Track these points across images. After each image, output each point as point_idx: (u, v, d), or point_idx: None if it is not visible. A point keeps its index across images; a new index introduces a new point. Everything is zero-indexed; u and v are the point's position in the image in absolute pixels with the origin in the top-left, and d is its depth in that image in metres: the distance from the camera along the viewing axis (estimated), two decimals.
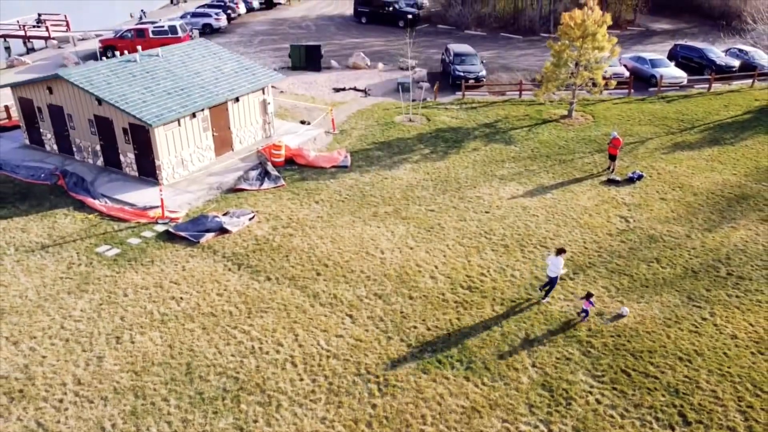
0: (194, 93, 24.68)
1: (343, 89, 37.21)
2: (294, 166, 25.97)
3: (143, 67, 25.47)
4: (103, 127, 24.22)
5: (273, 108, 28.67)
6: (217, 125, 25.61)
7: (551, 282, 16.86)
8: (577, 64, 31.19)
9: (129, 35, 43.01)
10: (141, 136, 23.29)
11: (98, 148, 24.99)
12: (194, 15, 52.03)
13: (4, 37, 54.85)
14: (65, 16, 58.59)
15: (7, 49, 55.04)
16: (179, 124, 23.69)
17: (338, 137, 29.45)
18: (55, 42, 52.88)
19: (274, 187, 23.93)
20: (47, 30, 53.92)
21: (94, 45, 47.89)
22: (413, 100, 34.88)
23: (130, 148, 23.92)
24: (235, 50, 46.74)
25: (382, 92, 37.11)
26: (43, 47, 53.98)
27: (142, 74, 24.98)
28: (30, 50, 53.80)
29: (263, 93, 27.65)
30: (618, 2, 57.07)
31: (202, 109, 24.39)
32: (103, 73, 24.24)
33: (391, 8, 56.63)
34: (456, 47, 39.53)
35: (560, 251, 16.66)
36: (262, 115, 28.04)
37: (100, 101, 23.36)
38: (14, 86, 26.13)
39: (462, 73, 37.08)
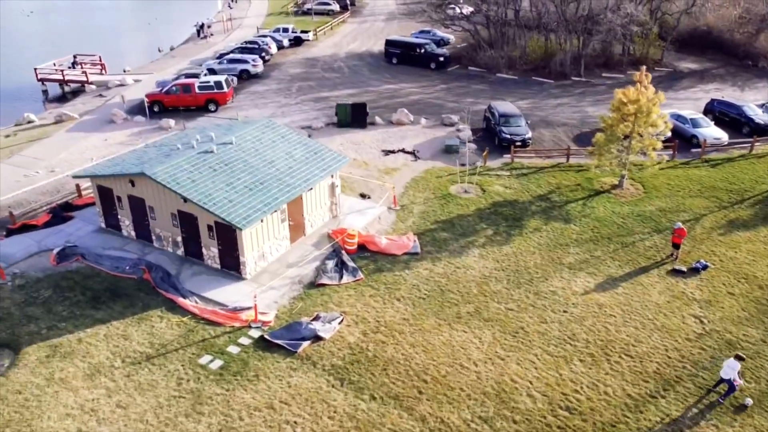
0: (273, 187, 25.48)
1: (393, 152, 38.00)
2: (366, 252, 26.76)
3: (220, 158, 26.28)
4: (186, 221, 25.03)
5: (339, 189, 29.48)
6: (292, 215, 26.41)
7: (730, 387, 18.51)
8: (626, 137, 31.94)
9: (175, 90, 43.73)
10: (226, 234, 24.10)
11: (179, 239, 25.79)
12: (231, 61, 52.73)
13: (43, 81, 55.58)
14: (99, 57, 59.38)
15: (45, 92, 55.85)
16: (262, 221, 24.47)
17: (400, 214, 30.26)
18: (93, 87, 53.65)
19: (354, 281, 24.72)
20: (85, 74, 54.65)
21: (136, 93, 48.72)
22: (462, 165, 35.74)
23: (214, 243, 24.73)
24: (276, 101, 47.62)
25: (430, 154, 37.91)
26: (78, 88, 54.59)
27: (221, 167, 25.79)
28: (66, 94, 54.57)
29: (332, 176, 28.44)
30: (645, 42, 57.80)
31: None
32: (186, 169, 25.03)
33: (422, 50, 57.43)
34: (501, 107, 40.29)
35: (739, 357, 18.65)
36: (330, 197, 28.86)
37: (185, 200, 24.14)
38: (94, 177, 26.89)
39: (509, 136, 37.90)
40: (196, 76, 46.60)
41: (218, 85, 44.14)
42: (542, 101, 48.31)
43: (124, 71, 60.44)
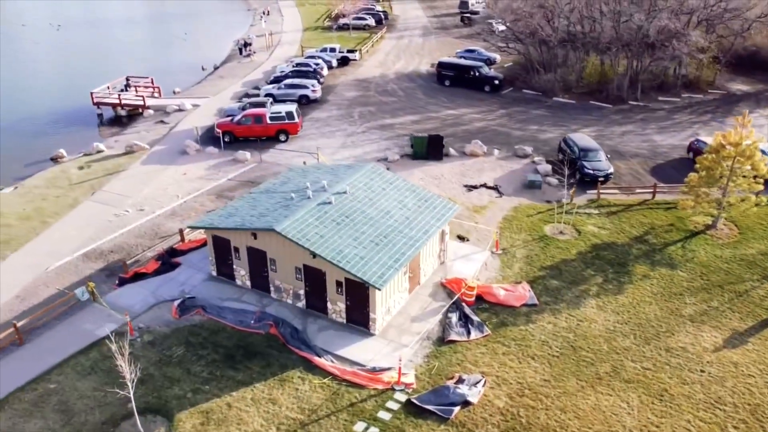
0: (397, 240, 25.45)
1: (475, 187, 37.98)
2: (483, 303, 26.74)
3: (340, 210, 26.25)
4: (312, 275, 25.01)
5: (448, 236, 29.46)
6: (411, 266, 26.39)
7: None
8: (721, 177, 31.86)
9: (246, 121, 43.67)
10: (356, 290, 24.07)
11: (301, 292, 25.76)
12: (289, 86, 52.67)
13: (98, 104, 55.51)
14: (152, 79, 59.30)
15: (99, 116, 55.80)
16: None
17: (504, 259, 30.24)
18: (151, 111, 53.58)
19: (482, 337, 24.71)
20: (142, 98, 54.57)
21: (197, 120, 48.66)
22: (548, 201, 35.80)
23: (342, 299, 24.70)
24: (342, 129, 47.58)
25: (512, 189, 37.89)
26: (133, 112, 54.40)
27: (343, 219, 25.76)
28: (122, 118, 54.43)
29: None
30: (700, 64, 57.71)
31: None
32: (312, 224, 25.01)
33: (477, 73, 57.42)
34: (579, 140, 40.24)
35: None
36: (440, 244, 28.85)
37: (314, 255, 24.11)
38: (213, 229, 26.83)
39: (591, 171, 37.90)
40: (262, 105, 46.50)
41: (289, 115, 44.11)
42: (607, 128, 48.27)
43: (174, 92, 60.43)
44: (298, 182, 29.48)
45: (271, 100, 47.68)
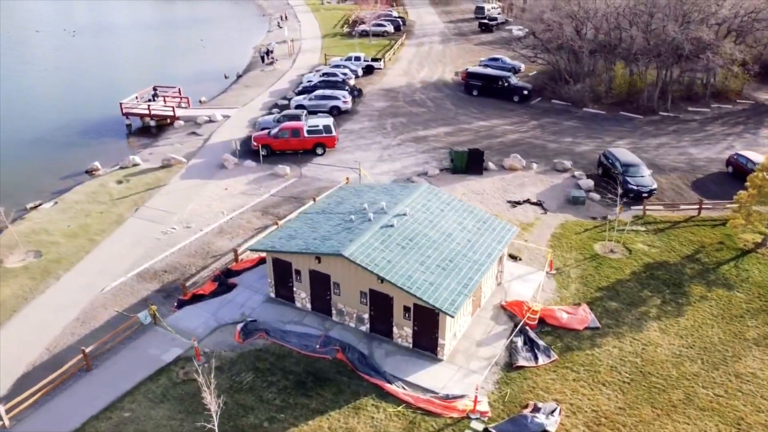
0: (463, 265, 25.36)
1: (519, 203, 37.89)
2: (546, 326, 26.67)
3: (402, 233, 26.18)
4: (378, 300, 24.93)
5: (506, 258, 29.38)
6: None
7: None
8: None
9: (284, 134, 43.58)
10: (425, 316, 24.00)
11: (366, 316, 25.68)
12: (320, 97, 52.57)
13: (127, 115, 55.38)
14: (179, 89, 59.21)
15: (128, 126, 55.65)
16: None
17: (559, 279, 30.17)
18: (181, 122, 53.48)
19: (550, 362, 24.63)
20: (172, 109, 54.49)
21: (229, 131, 48.62)
22: (593, 218, 35.80)
23: (409, 324, 24.63)
24: (377, 142, 47.48)
25: (556, 205, 37.81)
26: (161, 122, 54.27)
27: (407, 243, 25.68)
28: (149, 128, 54.27)
29: None
30: (729, 74, 57.58)
31: None
32: (378, 248, 24.92)
33: (506, 83, 57.31)
34: (621, 155, 40.13)
35: None
36: (498, 266, 28.77)
37: (383, 280, 24.03)
38: (274, 252, 26.73)
39: (636, 187, 37.82)
40: (297, 117, 46.38)
41: (327, 128, 44.04)
42: (641, 141, 48.19)
43: (200, 102, 60.36)
44: (354, 202, 29.40)
45: (305, 112, 47.50)
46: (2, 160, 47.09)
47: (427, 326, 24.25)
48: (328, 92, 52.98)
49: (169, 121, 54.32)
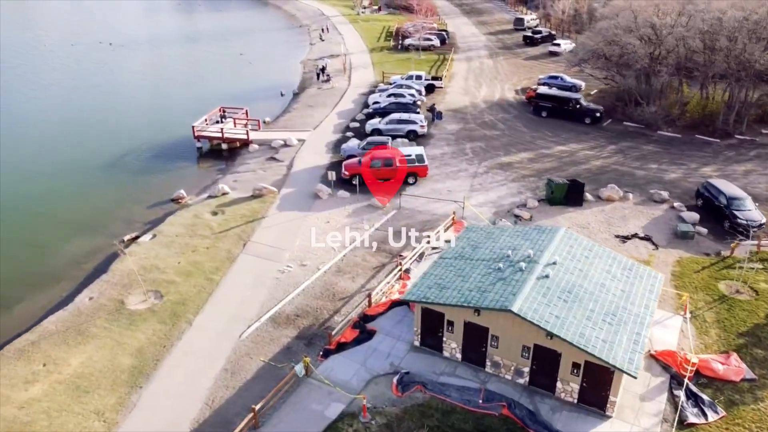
0: (627, 319, 25.04)
1: (628, 238, 37.59)
2: (701, 378, 26.35)
3: (559, 285, 25.85)
4: (543, 354, 24.59)
5: None
6: None
7: None
8: None
9: (376, 164, 43.22)
10: (598, 373, 23.67)
11: (526, 369, 25.36)
12: (398, 121, 52.24)
13: (199, 138, 54.93)
14: (246, 110, 58.76)
15: (199, 149, 55.23)
16: None
17: (697, 324, 29.85)
18: (255, 146, 53.12)
19: (719, 419, 24.32)
20: (246, 132, 54.14)
21: (307, 158, 48.22)
22: (707, 254, 35.50)
23: (576, 380, 24.31)
24: (463, 169, 47.15)
25: (665, 240, 37.49)
26: (233, 146, 53.69)
27: (566, 295, 25.36)
28: (220, 150, 53.64)
29: None
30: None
31: None
32: (540, 302, 24.62)
33: (577, 105, 56.99)
34: (725, 187, 39.77)
35: None
36: None
37: (551, 336, 23.73)
38: (428, 303, 26.39)
39: (745, 222, 37.49)
40: (383, 144, 46.06)
41: (419, 158, 43.74)
42: (727, 167, 47.88)
43: (265, 122, 59.88)
44: (491, 247, 29.09)
45: (390, 139, 47.15)
46: (84, 187, 46.75)
47: (598, 383, 23.92)
48: (405, 116, 52.61)
49: (238, 144, 53.84)
